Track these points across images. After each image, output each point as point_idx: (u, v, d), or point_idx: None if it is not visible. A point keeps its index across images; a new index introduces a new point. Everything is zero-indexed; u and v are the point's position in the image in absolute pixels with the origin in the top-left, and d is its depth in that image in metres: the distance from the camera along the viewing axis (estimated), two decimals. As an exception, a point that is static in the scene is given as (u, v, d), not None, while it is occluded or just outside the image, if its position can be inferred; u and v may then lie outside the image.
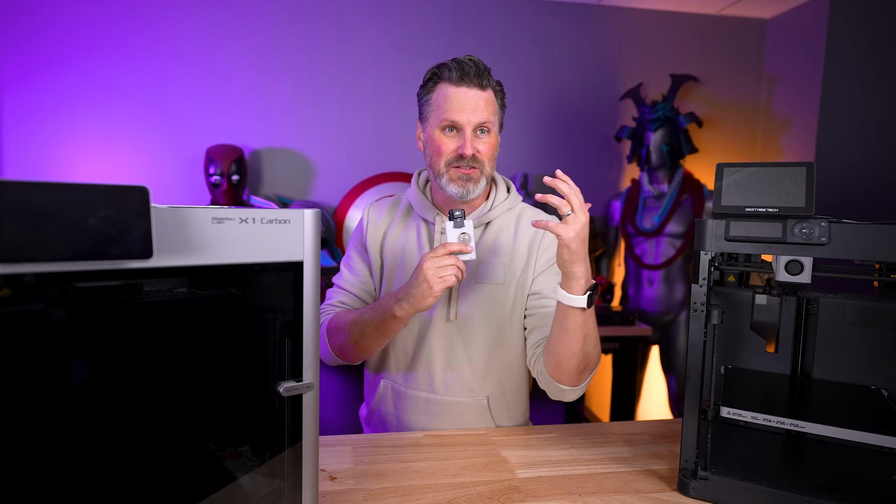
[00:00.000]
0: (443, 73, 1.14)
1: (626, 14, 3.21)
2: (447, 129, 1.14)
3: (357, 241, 1.32)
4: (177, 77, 2.85)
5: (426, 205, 1.24)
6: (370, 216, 1.32)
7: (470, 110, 1.12)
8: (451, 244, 1.05)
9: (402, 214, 1.29)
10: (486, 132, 1.15)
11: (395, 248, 1.26)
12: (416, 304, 1.05)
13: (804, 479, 0.88)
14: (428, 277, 1.02)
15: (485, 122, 1.13)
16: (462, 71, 1.11)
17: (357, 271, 1.30)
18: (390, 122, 3.06)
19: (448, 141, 1.14)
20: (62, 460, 0.56)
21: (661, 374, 2.94)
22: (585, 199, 0.98)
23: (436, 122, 1.15)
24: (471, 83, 1.12)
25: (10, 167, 2.73)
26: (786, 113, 3.20)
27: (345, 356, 1.21)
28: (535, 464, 1.03)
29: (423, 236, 1.24)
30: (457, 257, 1.04)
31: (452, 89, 1.12)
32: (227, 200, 2.68)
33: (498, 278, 1.20)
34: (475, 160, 1.14)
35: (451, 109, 1.12)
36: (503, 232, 1.23)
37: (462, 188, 1.14)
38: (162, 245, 0.54)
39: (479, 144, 1.14)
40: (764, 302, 0.96)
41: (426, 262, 1.03)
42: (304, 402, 0.67)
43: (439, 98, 1.14)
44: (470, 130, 1.12)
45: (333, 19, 2.97)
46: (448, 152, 1.14)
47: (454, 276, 1.03)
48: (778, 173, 0.86)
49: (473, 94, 1.12)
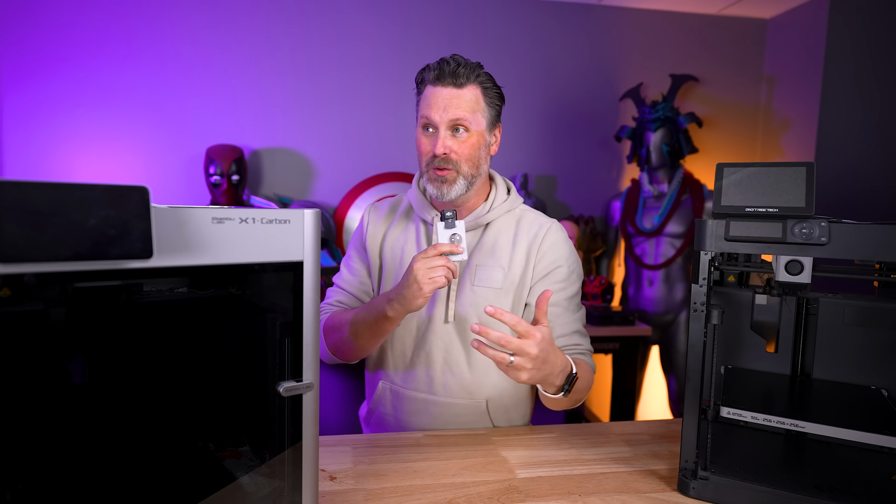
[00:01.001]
0: (426, 74, 1.16)
1: (626, 14, 3.22)
2: (425, 127, 1.16)
3: (357, 241, 1.33)
4: (177, 77, 2.85)
5: (425, 205, 1.24)
6: (371, 217, 1.32)
7: (442, 107, 1.12)
8: (441, 245, 1.05)
9: (402, 215, 1.30)
10: (464, 131, 1.13)
11: (395, 248, 1.26)
12: (407, 305, 1.05)
13: (804, 479, 0.88)
14: (418, 278, 1.02)
15: (458, 119, 1.12)
16: (440, 70, 1.12)
17: (356, 271, 1.31)
18: (390, 122, 3.06)
19: (426, 140, 1.16)
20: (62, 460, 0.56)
21: (661, 374, 2.94)
22: (586, 199, 0.97)
23: (418, 121, 1.18)
24: (446, 82, 1.12)
25: (10, 167, 2.73)
26: (786, 113, 3.20)
27: (341, 355, 1.22)
28: (535, 464, 1.03)
29: (422, 237, 1.24)
30: (447, 258, 1.04)
31: (431, 89, 1.14)
32: (227, 200, 2.68)
33: (496, 282, 1.19)
34: (447, 160, 1.13)
35: (426, 107, 1.14)
36: (502, 235, 1.22)
37: (438, 189, 1.15)
38: (162, 245, 0.54)
39: (452, 144, 1.13)
40: (764, 302, 0.96)
41: (416, 263, 1.03)
42: (304, 402, 0.67)
43: (422, 98, 1.16)
44: (444, 129, 1.12)
45: (333, 19, 2.97)
46: (426, 152, 1.16)
47: (444, 276, 1.03)
48: (778, 173, 0.86)
49: (447, 92, 1.12)
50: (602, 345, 2.73)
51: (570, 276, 1.22)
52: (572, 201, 3.22)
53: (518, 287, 1.20)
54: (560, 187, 3.22)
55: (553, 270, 1.20)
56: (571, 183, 3.23)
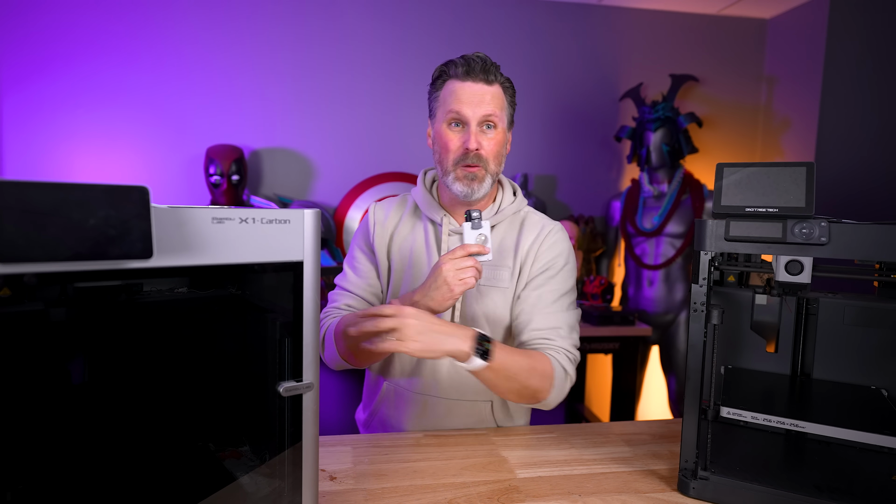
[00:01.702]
0: (450, 70, 1.14)
1: (626, 14, 3.22)
2: (453, 123, 1.14)
3: (363, 241, 1.29)
4: (177, 77, 2.85)
5: (433, 205, 1.22)
6: (376, 216, 1.29)
7: (475, 103, 1.11)
8: (469, 245, 1.04)
9: (408, 215, 1.27)
10: (493, 127, 1.13)
11: (403, 249, 1.24)
12: (436, 307, 1.03)
13: (804, 479, 0.88)
14: (448, 280, 1.01)
15: (490, 115, 1.12)
16: (468, 66, 1.11)
17: (363, 273, 1.27)
18: (390, 122, 3.06)
19: (454, 136, 1.14)
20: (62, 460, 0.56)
21: (661, 374, 2.94)
22: (586, 199, 0.97)
23: (443, 116, 1.15)
24: (476, 77, 1.11)
25: (10, 167, 2.73)
26: (786, 113, 3.20)
27: (353, 360, 1.16)
28: (535, 464, 1.03)
29: (431, 237, 1.23)
30: (475, 259, 1.04)
31: (458, 84, 1.12)
32: (227, 200, 2.68)
33: (503, 282, 1.19)
34: (479, 157, 1.12)
35: (456, 102, 1.12)
36: (508, 235, 1.22)
37: (467, 187, 1.13)
38: (162, 245, 0.54)
39: (483, 140, 1.13)
40: (764, 302, 0.96)
41: (445, 265, 1.02)
42: (304, 402, 0.67)
43: (446, 94, 1.14)
44: (475, 124, 1.12)
45: (333, 19, 2.97)
46: (455, 148, 1.13)
47: (473, 277, 1.03)
48: (778, 173, 0.86)
49: (479, 87, 1.12)
50: (602, 345, 2.73)
51: (560, 273, 1.19)
52: (572, 201, 3.23)
53: (518, 286, 1.19)
54: (560, 187, 3.22)
55: (547, 268, 1.19)
56: (571, 183, 3.23)
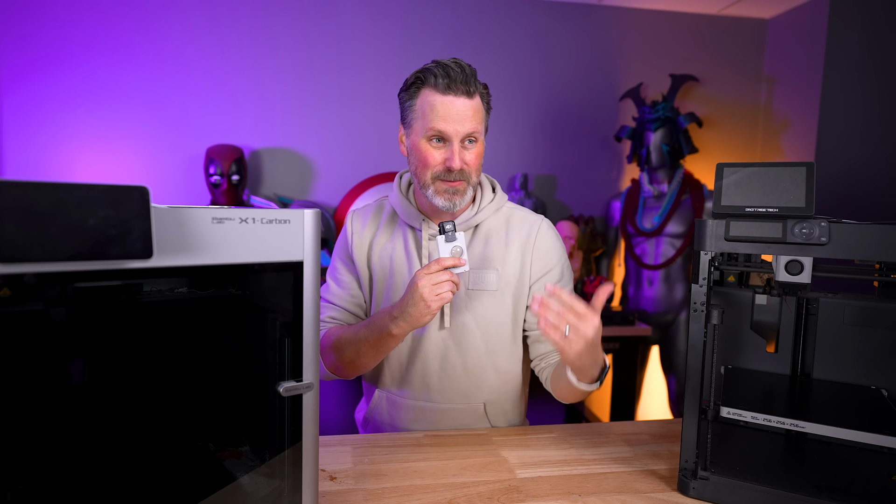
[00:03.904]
0: (427, 79, 1.07)
1: (626, 14, 3.21)
2: (434, 139, 1.08)
3: (342, 251, 1.27)
4: (177, 77, 2.85)
5: (411, 211, 1.19)
6: (354, 225, 1.26)
7: (458, 121, 1.06)
8: (444, 259, 1.02)
9: (386, 221, 1.24)
10: (474, 142, 1.10)
11: (383, 257, 1.22)
12: (414, 322, 1.03)
13: (804, 479, 0.88)
14: (424, 296, 0.99)
15: (473, 132, 1.08)
16: (449, 78, 1.05)
17: (345, 284, 1.26)
18: (390, 121, 3.06)
19: (435, 152, 1.09)
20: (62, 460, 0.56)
21: (661, 374, 2.94)
22: (586, 200, 0.97)
23: (421, 131, 1.09)
24: (458, 91, 1.05)
25: (10, 167, 2.73)
26: (786, 113, 3.20)
27: (340, 373, 1.18)
28: (535, 464, 1.03)
29: (411, 244, 1.20)
30: (451, 271, 1.02)
31: (439, 98, 1.06)
32: (227, 200, 2.68)
33: (491, 285, 1.17)
34: (462, 173, 1.09)
35: (437, 119, 1.06)
36: (493, 236, 1.20)
37: (449, 201, 1.10)
38: (162, 245, 0.54)
39: (466, 156, 1.09)
40: (764, 302, 0.96)
41: (421, 280, 1.00)
42: (304, 402, 0.67)
43: (424, 106, 1.08)
44: (458, 142, 1.07)
45: (333, 19, 2.97)
46: (435, 164, 1.09)
47: (450, 291, 1.01)
48: (778, 173, 0.86)
49: (461, 103, 1.06)
50: (602, 345, 2.72)
51: (562, 277, 1.22)
52: (572, 201, 3.22)
53: (516, 288, 1.19)
54: (560, 187, 3.22)
55: (548, 273, 1.20)
56: (571, 183, 3.23)
